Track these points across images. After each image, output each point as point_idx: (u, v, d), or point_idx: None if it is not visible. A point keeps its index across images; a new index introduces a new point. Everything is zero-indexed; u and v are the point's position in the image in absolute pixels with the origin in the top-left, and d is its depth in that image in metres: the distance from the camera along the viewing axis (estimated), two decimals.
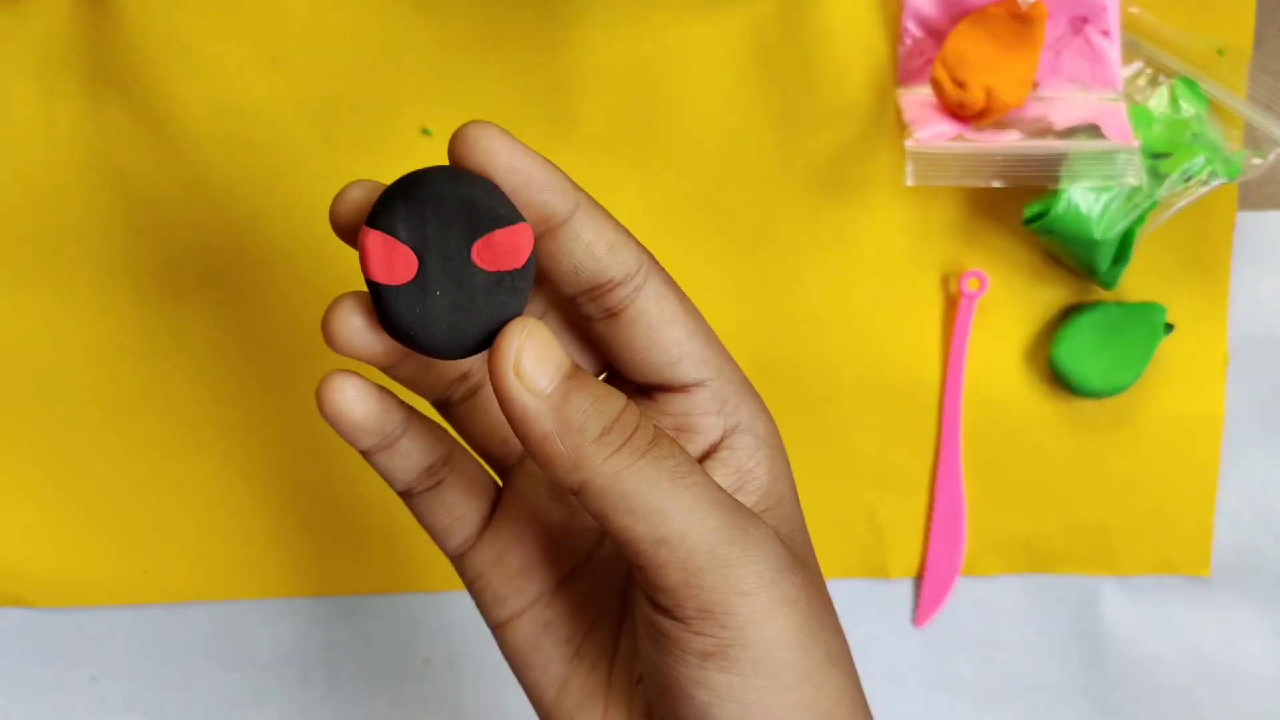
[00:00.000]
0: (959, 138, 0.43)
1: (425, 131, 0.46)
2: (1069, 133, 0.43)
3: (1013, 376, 0.48)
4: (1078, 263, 0.45)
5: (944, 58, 0.43)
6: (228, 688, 0.51)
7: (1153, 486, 0.49)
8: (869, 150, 0.46)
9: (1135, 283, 0.47)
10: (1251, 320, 0.48)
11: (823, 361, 0.48)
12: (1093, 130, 0.43)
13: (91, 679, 0.50)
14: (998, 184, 0.44)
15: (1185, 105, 0.44)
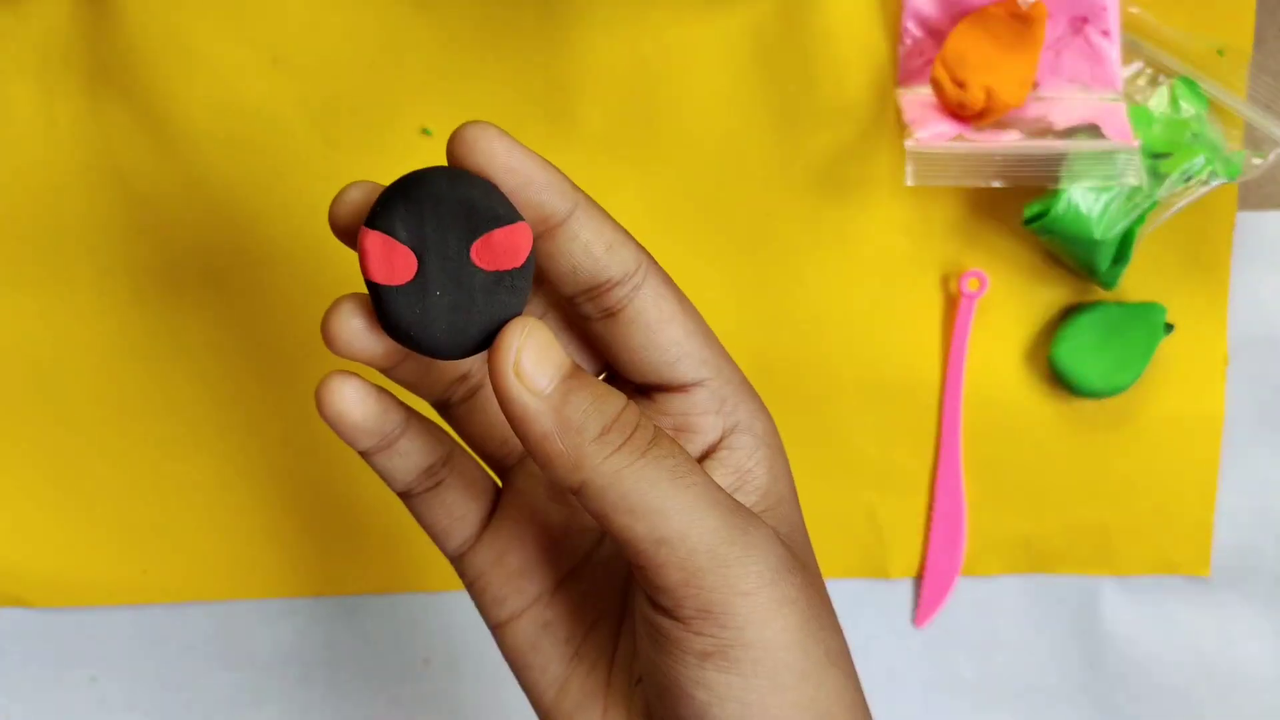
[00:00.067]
0: (959, 138, 0.43)
1: (425, 131, 0.46)
2: (1069, 133, 0.43)
3: (1013, 376, 0.48)
4: (1078, 263, 0.45)
5: (944, 58, 0.43)
6: (228, 688, 0.51)
7: (1153, 486, 0.49)
8: (869, 150, 0.46)
9: (1135, 283, 0.47)
10: (1251, 320, 0.48)
11: (823, 361, 0.48)
12: (1093, 130, 0.43)
13: (91, 679, 0.50)
14: (998, 184, 0.44)
15: (1185, 105, 0.44)
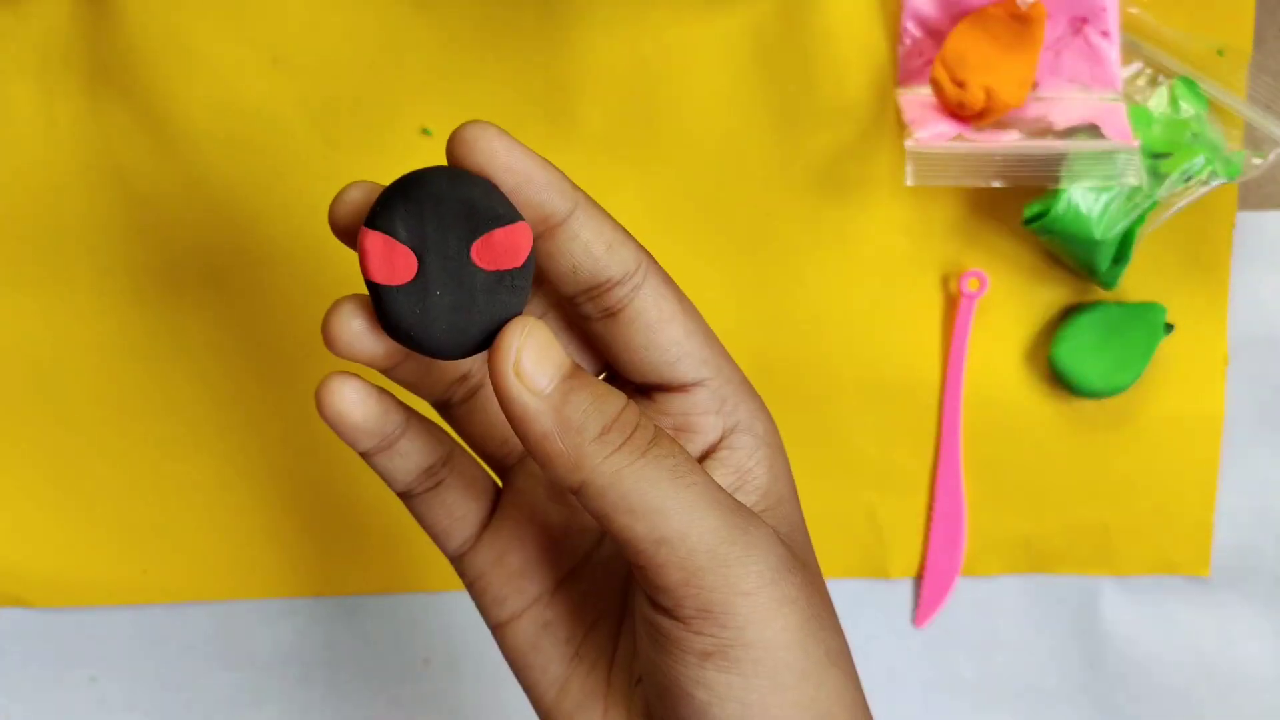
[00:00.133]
0: (959, 138, 0.43)
1: (425, 131, 0.46)
2: (1069, 133, 0.43)
3: (1013, 376, 0.48)
4: (1078, 263, 0.45)
5: (944, 58, 0.43)
6: (228, 688, 0.51)
7: (1153, 486, 0.49)
8: (869, 150, 0.46)
9: (1135, 283, 0.47)
10: (1251, 320, 0.48)
11: (823, 361, 0.48)
12: (1093, 130, 0.43)
13: (91, 679, 0.50)
14: (998, 184, 0.44)
15: (1185, 105, 0.44)
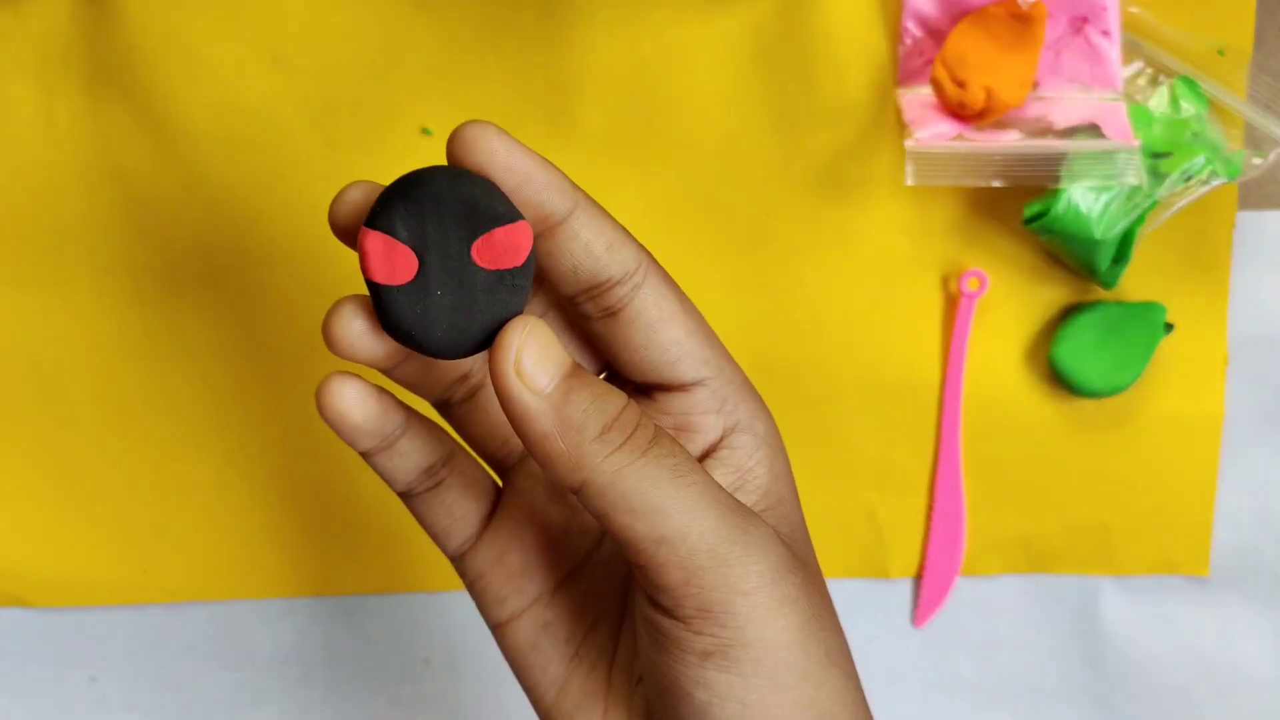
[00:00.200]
0: (959, 138, 0.43)
1: (425, 131, 0.46)
2: (1069, 132, 0.43)
3: (1013, 376, 0.48)
4: (1078, 262, 0.45)
5: (944, 58, 0.43)
6: (228, 688, 0.51)
7: (1153, 486, 0.49)
8: (869, 150, 0.46)
9: (1135, 283, 0.47)
10: (1251, 320, 0.48)
11: (823, 361, 0.48)
12: (1093, 130, 0.43)
13: (91, 679, 0.50)
14: (998, 184, 0.44)
15: (1185, 105, 0.44)
